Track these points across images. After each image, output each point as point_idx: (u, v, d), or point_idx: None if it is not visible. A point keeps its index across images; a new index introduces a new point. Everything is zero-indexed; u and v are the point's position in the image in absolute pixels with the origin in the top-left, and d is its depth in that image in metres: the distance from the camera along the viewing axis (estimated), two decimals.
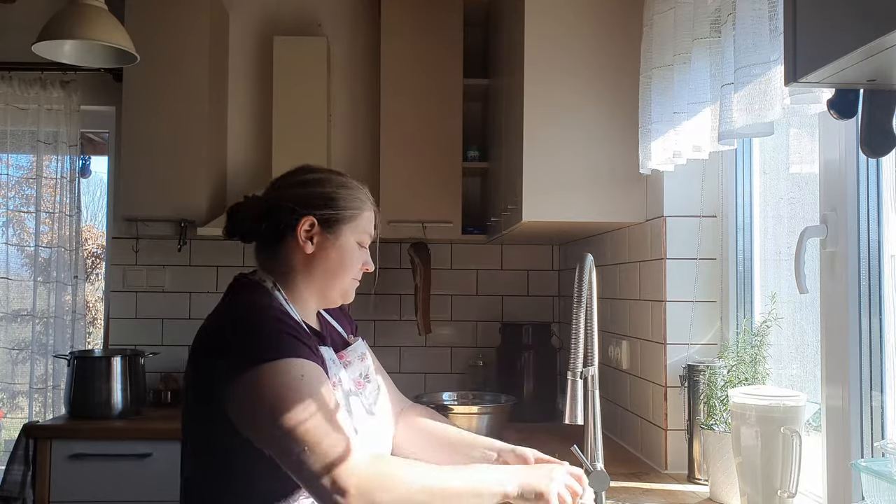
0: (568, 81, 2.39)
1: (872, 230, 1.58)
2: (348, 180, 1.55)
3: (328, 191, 1.50)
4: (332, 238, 1.49)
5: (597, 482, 1.72)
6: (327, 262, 1.50)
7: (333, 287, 1.53)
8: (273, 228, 1.49)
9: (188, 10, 3.44)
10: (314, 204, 1.48)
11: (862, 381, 1.59)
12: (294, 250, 1.49)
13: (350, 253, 1.52)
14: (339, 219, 1.49)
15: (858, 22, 0.94)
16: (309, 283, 1.51)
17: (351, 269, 1.53)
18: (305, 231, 1.47)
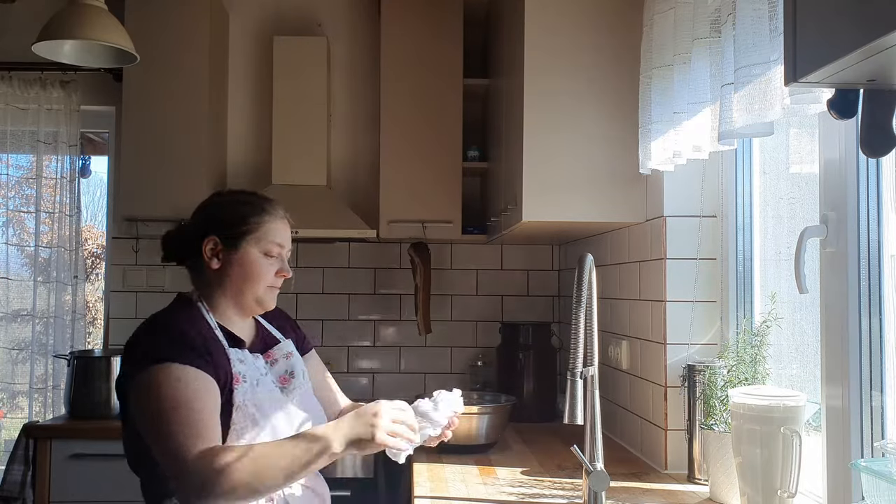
0: (568, 81, 2.39)
1: (872, 230, 1.58)
2: (252, 198, 1.72)
3: (228, 211, 1.68)
4: (234, 253, 1.65)
5: (597, 482, 1.72)
6: (234, 275, 1.65)
7: (245, 295, 1.66)
8: (189, 252, 1.68)
9: (188, 10, 3.44)
10: (215, 225, 1.66)
11: (862, 381, 1.59)
12: (207, 268, 1.66)
13: (254, 264, 1.65)
14: (238, 234, 1.65)
15: (858, 22, 0.94)
16: (223, 295, 1.67)
17: (259, 278, 1.66)
18: (210, 250, 1.65)
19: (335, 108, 3.78)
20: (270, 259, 1.68)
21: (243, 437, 1.53)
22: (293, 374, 1.72)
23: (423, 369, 3.74)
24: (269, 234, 1.67)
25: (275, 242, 1.67)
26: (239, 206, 1.69)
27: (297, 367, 1.74)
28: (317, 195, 3.44)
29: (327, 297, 3.74)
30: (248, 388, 1.59)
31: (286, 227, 1.72)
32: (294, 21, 3.77)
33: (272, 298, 1.71)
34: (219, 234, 1.65)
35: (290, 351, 1.76)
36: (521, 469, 2.30)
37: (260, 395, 1.60)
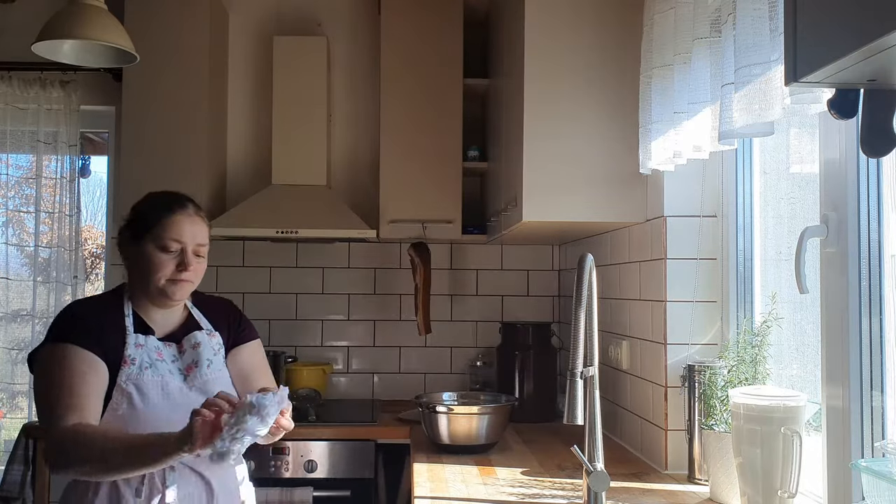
0: (568, 81, 2.39)
1: (873, 230, 1.58)
2: (163, 198, 1.88)
3: (136, 211, 1.87)
4: (135, 248, 1.81)
5: (597, 482, 1.72)
6: (137, 268, 1.82)
7: (148, 286, 1.80)
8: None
9: (188, 10, 3.44)
10: (125, 224, 1.86)
11: (862, 381, 1.59)
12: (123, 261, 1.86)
13: (151, 258, 1.78)
14: (137, 232, 1.81)
15: (859, 22, 0.94)
16: (134, 286, 1.84)
17: (156, 271, 1.78)
18: (120, 246, 1.86)
19: (335, 107, 3.78)
20: (168, 254, 1.79)
21: (118, 413, 1.70)
22: (197, 364, 1.83)
23: (423, 369, 3.74)
24: (165, 231, 1.79)
25: (171, 238, 1.78)
26: (146, 206, 1.86)
27: (202, 357, 1.84)
28: (317, 195, 3.44)
29: (327, 297, 3.74)
30: (134, 371, 1.75)
31: (191, 224, 1.82)
32: (294, 21, 3.77)
33: (177, 290, 1.81)
34: (126, 232, 1.84)
35: (199, 342, 1.85)
36: (521, 469, 2.30)
37: (145, 379, 1.75)
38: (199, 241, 1.83)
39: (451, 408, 2.54)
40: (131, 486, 1.70)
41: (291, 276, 3.74)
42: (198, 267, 1.83)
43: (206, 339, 1.88)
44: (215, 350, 1.88)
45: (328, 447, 3.00)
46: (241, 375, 1.92)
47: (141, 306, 1.85)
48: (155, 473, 1.69)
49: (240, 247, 3.72)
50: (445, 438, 2.53)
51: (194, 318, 1.92)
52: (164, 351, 1.82)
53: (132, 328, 1.80)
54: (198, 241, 1.83)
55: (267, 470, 2.96)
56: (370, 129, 3.73)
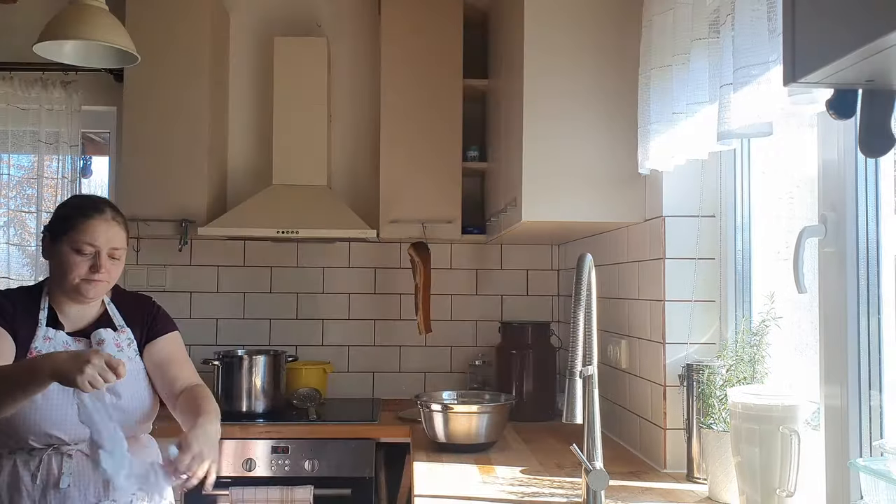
0: (567, 82, 2.40)
1: (871, 230, 1.59)
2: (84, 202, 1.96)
3: (57, 214, 1.95)
4: (54, 248, 1.91)
5: (596, 481, 1.73)
6: (54, 267, 1.92)
7: (63, 284, 1.90)
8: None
9: (189, 10, 3.44)
10: (49, 224, 1.94)
11: (861, 380, 1.60)
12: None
13: (66, 258, 1.88)
14: (56, 233, 1.91)
15: (857, 22, 0.94)
16: (52, 281, 1.94)
17: (70, 270, 1.88)
18: (42, 243, 1.94)
19: (335, 107, 3.78)
20: (83, 256, 1.89)
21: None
22: None
23: (423, 369, 3.75)
24: (81, 234, 1.88)
25: (85, 241, 1.88)
26: (68, 209, 1.94)
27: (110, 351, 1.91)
28: (317, 195, 3.45)
29: (327, 296, 3.75)
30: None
31: (107, 228, 1.91)
32: (294, 21, 3.77)
33: (91, 289, 1.91)
34: (49, 231, 1.93)
35: (103, 339, 1.93)
36: (520, 468, 2.30)
37: None
38: (113, 244, 1.92)
39: (450, 407, 2.55)
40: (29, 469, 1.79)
41: (292, 275, 3.75)
42: (112, 269, 1.93)
43: (111, 336, 1.95)
44: (123, 346, 1.97)
45: (328, 446, 3.00)
46: (156, 367, 2.00)
47: (57, 301, 1.95)
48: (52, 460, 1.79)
49: (240, 247, 3.72)
50: (445, 437, 2.54)
51: (109, 314, 2.01)
52: (72, 346, 1.91)
53: (44, 321, 1.90)
54: (112, 245, 1.92)
55: (268, 469, 2.96)
56: (370, 129, 3.74)
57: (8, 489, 1.77)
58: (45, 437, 1.80)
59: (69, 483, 1.79)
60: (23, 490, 1.77)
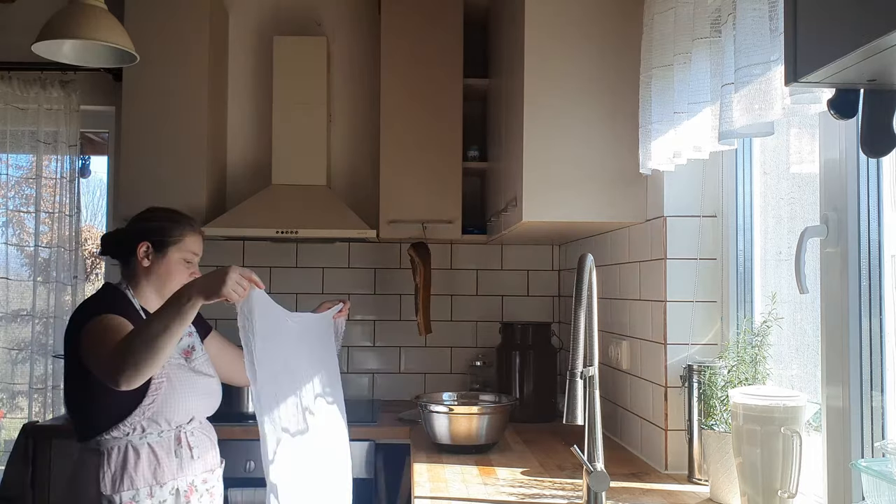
0: (568, 81, 2.39)
1: (873, 230, 1.58)
2: (177, 215, 2.18)
3: (160, 224, 2.14)
4: (161, 256, 2.12)
5: (597, 482, 1.72)
6: (159, 272, 2.13)
7: (165, 288, 2.11)
8: (125, 251, 2.15)
9: (188, 10, 3.44)
10: (148, 233, 2.13)
11: (862, 381, 1.59)
12: (138, 264, 2.13)
13: (175, 266, 2.13)
14: (166, 243, 2.12)
15: (859, 22, 0.94)
16: (149, 286, 2.14)
17: (177, 277, 2.12)
18: (143, 252, 2.12)
19: (335, 108, 3.78)
20: (187, 263, 2.15)
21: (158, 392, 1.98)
22: (194, 349, 2.16)
23: (423, 369, 3.74)
24: (187, 245, 2.15)
25: (191, 251, 2.16)
26: (168, 221, 2.15)
27: (196, 343, 2.18)
28: (317, 195, 3.44)
29: (327, 296, 3.73)
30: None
31: (200, 239, 2.20)
32: (294, 21, 3.77)
33: None
34: (151, 240, 2.11)
35: (191, 331, 2.18)
36: (521, 469, 2.30)
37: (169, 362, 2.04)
38: (201, 254, 2.21)
39: (450, 408, 2.54)
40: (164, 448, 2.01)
41: (291, 275, 3.74)
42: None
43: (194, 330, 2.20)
44: (197, 338, 2.21)
45: None
46: (220, 353, 2.28)
47: (146, 301, 2.13)
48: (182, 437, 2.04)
49: (240, 247, 3.72)
50: (445, 438, 2.53)
51: None
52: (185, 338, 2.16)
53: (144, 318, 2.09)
54: (200, 254, 2.20)
55: None
56: (370, 129, 3.73)
57: (150, 468, 1.98)
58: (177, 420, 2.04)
59: (198, 455, 2.06)
60: (164, 466, 1.99)
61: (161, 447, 2.00)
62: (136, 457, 1.97)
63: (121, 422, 1.96)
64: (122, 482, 1.94)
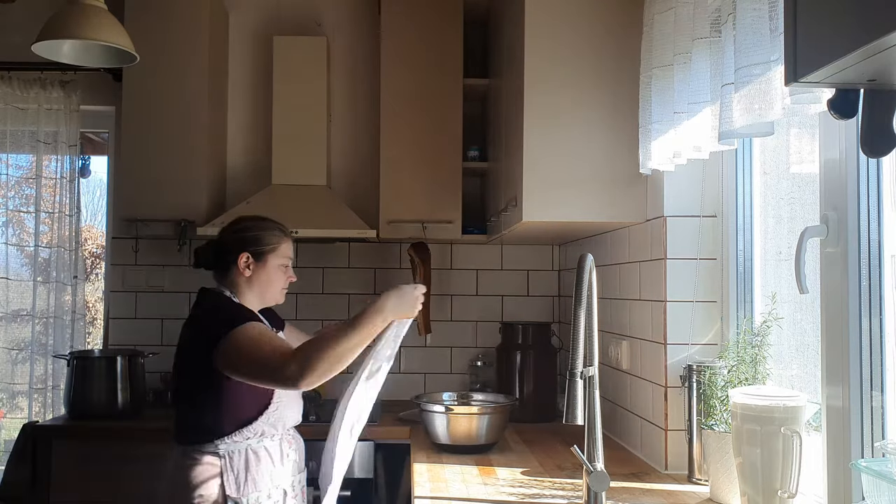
0: (568, 81, 2.39)
1: (873, 230, 1.58)
2: (269, 223, 2.28)
3: (255, 234, 2.24)
4: (261, 264, 2.23)
5: (597, 482, 1.72)
6: (261, 280, 2.23)
7: (266, 294, 2.26)
8: (224, 262, 2.24)
9: (188, 10, 3.44)
10: (247, 244, 2.22)
11: (862, 381, 1.59)
12: (238, 274, 2.22)
13: (274, 272, 2.24)
14: (264, 251, 2.23)
15: (859, 22, 0.94)
16: (250, 292, 2.24)
17: (277, 282, 2.26)
18: (244, 263, 2.21)
19: (335, 108, 3.78)
20: (284, 269, 2.26)
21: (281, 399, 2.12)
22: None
23: (423, 369, 3.74)
24: (283, 252, 2.26)
25: (287, 257, 2.27)
26: (263, 230, 2.24)
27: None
28: (317, 195, 3.44)
29: (327, 297, 3.74)
30: None
31: (292, 243, 2.31)
32: (294, 21, 3.77)
33: (283, 296, 2.31)
34: (249, 250, 2.20)
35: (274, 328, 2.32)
36: (521, 469, 2.30)
37: None
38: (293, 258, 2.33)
39: (450, 408, 2.54)
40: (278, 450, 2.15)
41: None
42: None
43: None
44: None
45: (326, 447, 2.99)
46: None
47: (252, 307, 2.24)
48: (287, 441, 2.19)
49: None
50: (445, 438, 2.53)
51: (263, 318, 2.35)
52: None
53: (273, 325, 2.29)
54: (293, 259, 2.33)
55: None
56: (370, 129, 3.73)
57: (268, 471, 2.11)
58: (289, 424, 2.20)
59: (294, 456, 2.21)
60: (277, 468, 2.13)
61: (274, 450, 2.13)
62: (257, 460, 2.08)
63: (244, 427, 2.07)
64: (247, 485, 2.05)
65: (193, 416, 2.11)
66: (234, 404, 2.06)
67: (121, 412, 3.15)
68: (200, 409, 2.09)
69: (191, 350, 2.12)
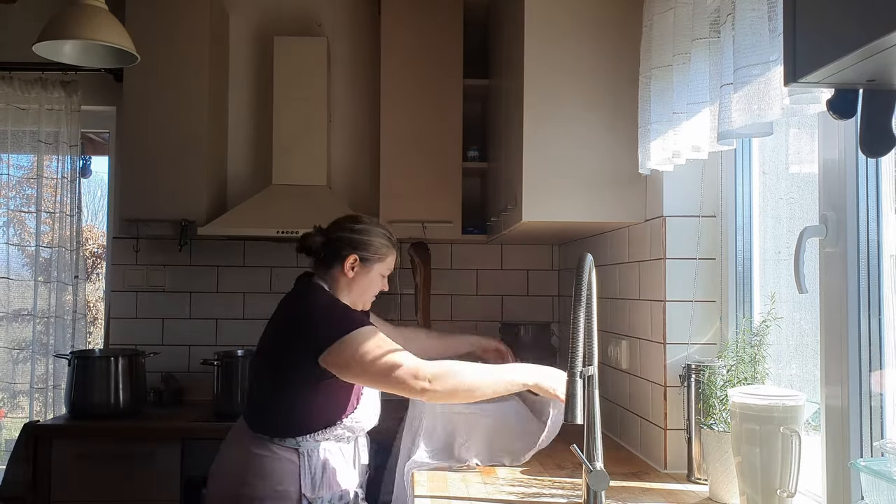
0: (567, 81, 2.39)
1: (872, 230, 1.59)
2: (384, 230, 2.26)
3: (369, 239, 2.22)
4: (366, 269, 2.22)
5: (596, 482, 1.72)
6: (361, 284, 2.23)
7: (361, 298, 2.25)
8: (330, 256, 2.22)
9: (188, 10, 3.44)
10: (358, 247, 2.21)
11: (861, 380, 1.59)
12: (341, 272, 2.21)
13: (376, 280, 2.25)
14: (372, 259, 2.22)
15: (858, 22, 0.94)
16: (348, 293, 2.23)
17: (373, 290, 2.26)
18: (350, 264, 2.20)
19: (335, 108, 3.78)
20: (383, 279, 2.27)
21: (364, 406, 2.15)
22: None
23: None
24: (389, 263, 2.27)
25: (390, 268, 2.28)
26: (377, 237, 2.23)
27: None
28: (317, 195, 3.44)
29: None
30: None
31: (397, 256, 2.30)
32: (294, 21, 3.77)
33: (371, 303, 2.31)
34: (359, 253, 2.20)
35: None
36: (520, 468, 2.30)
37: None
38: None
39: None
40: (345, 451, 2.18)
41: (292, 275, 3.70)
42: None
43: None
44: None
45: None
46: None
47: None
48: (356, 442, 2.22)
49: (240, 247, 3.72)
50: None
51: None
52: None
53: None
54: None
55: None
56: (370, 129, 3.74)
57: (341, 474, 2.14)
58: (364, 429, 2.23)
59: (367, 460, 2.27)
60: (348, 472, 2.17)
61: (348, 453, 2.17)
62: (333, 462, 2.12)
63: (327, 427, 2.09)
64: (322, 485, 2.08)
65: (280, 409, 2.09)
66: (324, 404, 2.09)
67: (121, 412, 3.15)
68: (289, 403, 2.08)
69: (294, 344, 2.09)
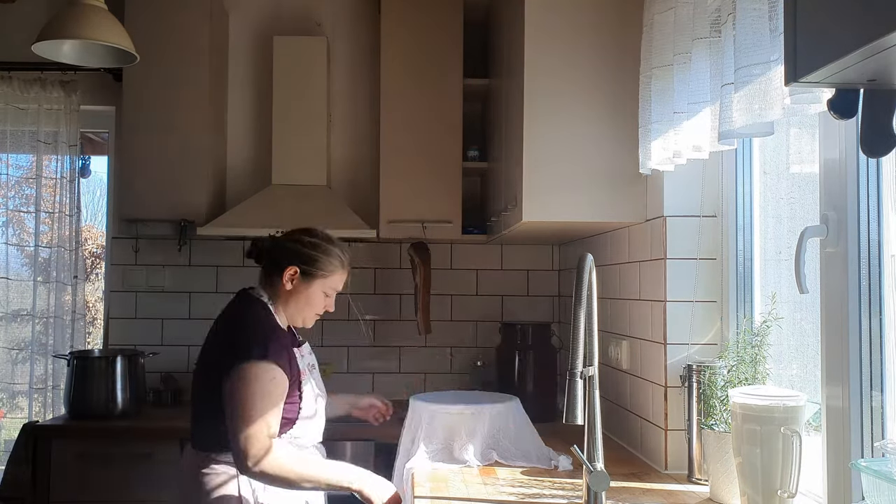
0: (568, 81, 2.39)
1: (872, 230, 1.58)
2: (337, 249, 2.15)
3: (314, 253, 2.12)
4: (306, 284, 2.12)
5: (597, 482, 1.72)
6: (300, 299, 2.13)
7: (298, 315, 2.16)
8: (272, 265, 2.13)
9: (188, 10, 3.44)
10: (302, 259, 2.11)
11: (862, 380, 1.59)
12: (281, 283, 2.11)
13: (316, 298, 2.14)
14: (314, 274, 2.11)
15: (858, 22, 0.94)
16: (286, 307, 2.14)
17: (314, 308, 2.15)
18: (289, 275, 2.10)
19: (335, 108, 3.78)
20: (325, 297, 2.15)
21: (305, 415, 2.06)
22: (314, 367, 2.22)
23: (423, 369, 3.74)
24: (333, 282, 2.15)
25: (335, 288, 2.16)
26: (323, 253, 2.12)
27: (315, 363, 2.25)
28: (317, 195, 3.44)
29: None
30: (308, 380, 2.11)
31: (346, 276, 2.19)
32: (294, 21, 3.77)
33: (313, 322, 2.20)
34: (300, 266, 2.10)
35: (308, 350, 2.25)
36: (521, 469, 2.30)
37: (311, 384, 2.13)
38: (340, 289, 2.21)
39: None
40: None
41: None
42: None
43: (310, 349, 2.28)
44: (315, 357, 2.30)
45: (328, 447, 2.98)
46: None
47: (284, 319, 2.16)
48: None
49: (240, 247, 3.72)
50: None
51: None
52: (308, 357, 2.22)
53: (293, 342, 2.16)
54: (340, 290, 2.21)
55: None
56: (370, 129, 3.73)
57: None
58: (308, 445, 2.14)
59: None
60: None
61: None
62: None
63: None
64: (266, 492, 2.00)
65: (213, 423, 2.00)
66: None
67: (121, 412, 3.15)
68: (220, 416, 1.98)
69: (214, 357, 2.04)
